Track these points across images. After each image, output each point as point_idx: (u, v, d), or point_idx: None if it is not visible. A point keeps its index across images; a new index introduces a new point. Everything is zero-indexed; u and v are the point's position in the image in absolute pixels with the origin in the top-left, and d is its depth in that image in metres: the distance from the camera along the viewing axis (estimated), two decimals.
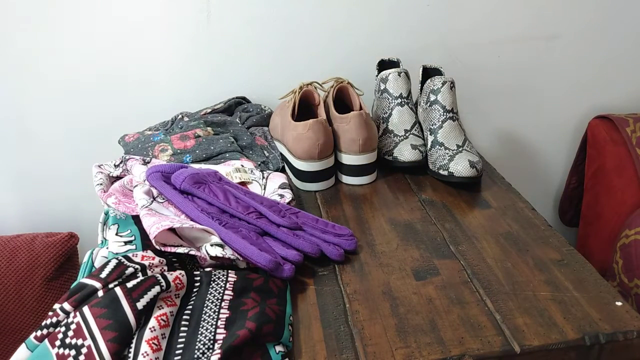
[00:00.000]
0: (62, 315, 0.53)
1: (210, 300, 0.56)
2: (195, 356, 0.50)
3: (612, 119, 1.15)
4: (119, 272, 0.57)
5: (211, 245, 0.62)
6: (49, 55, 1.05)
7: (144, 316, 0.53)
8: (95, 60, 1.06)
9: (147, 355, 0.49)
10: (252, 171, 0.82)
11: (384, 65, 1.03)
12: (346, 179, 0.87)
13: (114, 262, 0.58)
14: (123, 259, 0.59)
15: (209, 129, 0.92)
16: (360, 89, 0.93)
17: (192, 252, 0.61)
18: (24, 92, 1.07)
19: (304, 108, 0.93)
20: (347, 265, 0.67)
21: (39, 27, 1.02)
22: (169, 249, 0.61)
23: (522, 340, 0.53)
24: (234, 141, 0.91)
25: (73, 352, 0.50)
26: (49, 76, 1.06)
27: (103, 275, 0.56)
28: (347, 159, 0.85)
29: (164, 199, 0.72)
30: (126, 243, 0.66)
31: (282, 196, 0.76)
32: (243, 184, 0.80)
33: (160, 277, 0.55)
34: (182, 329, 0.53)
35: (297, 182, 0.86)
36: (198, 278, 0.59)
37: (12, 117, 1.09)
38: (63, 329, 0.52)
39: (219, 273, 0.60)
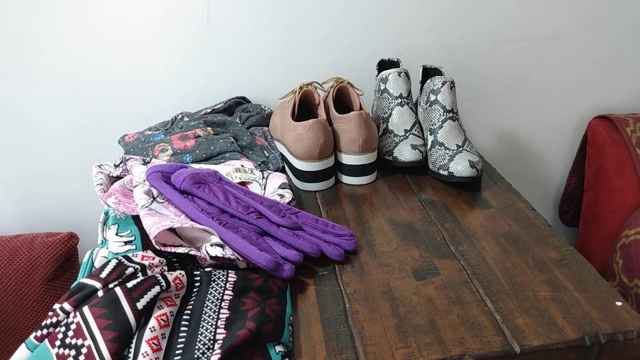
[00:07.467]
0: (62, 315, 0.53)
1: (210, 300, 0.56)
2: (195, 356, 0.50)
3: (612, 119, 1.15)
4: (119, 272, 0.57)
5: (211, 245, 0.62)
6: (50, 55, 1.05)
7: (144, 316, 0.53)
8: (96, 59, 1.06)
9: (147, 355, 0.49)
10: (252, 171, 0.82)
11: (384, 65, 1.03)
12: (346, 179, 0.87)
13: (114, 262, 0.58)
14: (123, 259, 0.59)
15: (209, 129, 0.92)
16: (360, 89, 0.93)
17: (192, 252, 0.61)
18: (24, 93, 1.07)
19: (304, 108, 0.93)
20: (347, 265, 0.67)
21: (40, 26, 1.02)
22: (169, 249, 0.61)
23: (522, 340, 0.53)
24: (234, 141, 0.91)
25: (73, 352, 0.50)
26: (49, 76, 1.06)
27: (103, 275, 0.56)
28: (347, 159, 0.85)
29: (164, 199, 0.72)
30: (126, 243, 0.66)
31: (282, 196, 0.76)
32: (243, 184, 0.80)
33: (160, 277, 0.55)
34: (182, 329, 0.53)
35: (297, 182, 0.86)
36: (198, 278, 0.59)
37: (12, 118, 1.09)
38: (63, 329, 0.52)
39: (219, 273, 0.60)
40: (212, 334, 0.53)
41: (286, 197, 0.76)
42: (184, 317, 0.55)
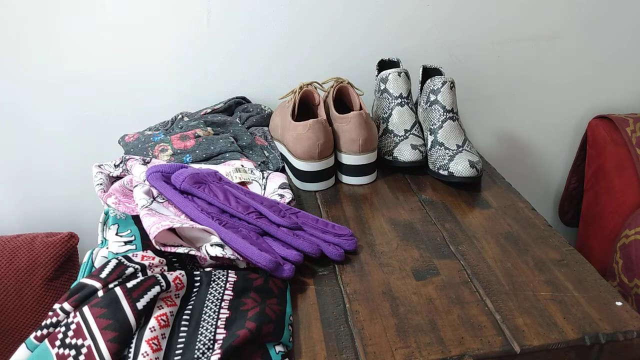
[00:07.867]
0: (62, 315, 0.53)
1: (210, 300, 0.56)
2: (195, 356, 0.50)
3: (612, 119, 1.15)
4: (119, 272, 0.57)
5: (211, 245, 0.62)
6: (49, 55, 1.05)
7: (144, 316, 0.53)
8: (96, 59, 1.06)
9: (147, 355, 0.49)
10: (252, 171, 0.82)
11: (384, 65, 1.03)
12: (346, 179, 0.87)
13: (114, 262, 0.58)
14: (123, 259, 0.59)
15: (209, 129, 0.92)
16: (360, 89, 0.93)
17: (192, 252, 0.61)
18: (24, 93, 1.07)
19: (304, 108, 0.93)
20: (347, 265, 0.67)
21: (40, 26, 1.02)
22: (169, 249, 0.61)
23: (522, 340, 0.53)
24: (234, 141, 0.91)
25: (73, 352, 0.50)
26: (48, 75, 1.06)
27: (103, 275, 0.56)
28: (347, 159, 0.85)
29: (164, 199, 0.72)
30: (126, 243, 0.66)
31: (282, 196, 0.76)
32: (243, 184, 0.80)
33: (160, 277, 0.55)
34: (182, 329, 0.53)
35: (297, 182, 0.86)
36: (198, 278, 0.59)
37: (12, 118, 1.09)
38: (63, 329, 0.52)
39: (219, 273, 0.60)
40: (212, 334, 0.53)
41: (286, 197, 0.76)
42: (184, 317, 0.55)
